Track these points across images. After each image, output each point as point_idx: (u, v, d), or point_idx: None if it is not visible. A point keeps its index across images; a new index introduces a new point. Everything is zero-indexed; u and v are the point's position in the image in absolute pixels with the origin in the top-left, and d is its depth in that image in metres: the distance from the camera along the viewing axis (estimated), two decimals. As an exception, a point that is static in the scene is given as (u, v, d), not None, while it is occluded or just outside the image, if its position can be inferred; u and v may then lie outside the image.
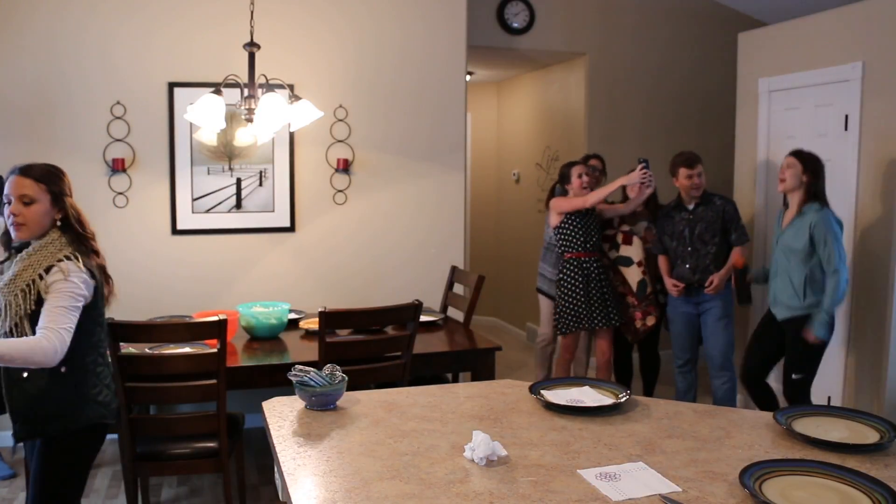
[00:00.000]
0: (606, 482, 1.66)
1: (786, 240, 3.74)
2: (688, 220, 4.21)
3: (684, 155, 4.23)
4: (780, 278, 3.78)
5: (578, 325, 4.31)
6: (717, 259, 4.15)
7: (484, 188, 7.57)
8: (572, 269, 4.32)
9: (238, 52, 3.75)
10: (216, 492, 3.71)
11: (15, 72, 4.13)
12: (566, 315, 4.33)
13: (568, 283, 4.32)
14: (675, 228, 4.25)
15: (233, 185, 4.44)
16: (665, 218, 4.33)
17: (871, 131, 3.97)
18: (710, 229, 4.16)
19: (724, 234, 4.17)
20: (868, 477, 1.62)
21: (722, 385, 4.21)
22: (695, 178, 4.16)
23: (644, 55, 5.87)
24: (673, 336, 4.42)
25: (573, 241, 4.32)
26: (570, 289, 4.31)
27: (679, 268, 4.24)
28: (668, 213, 4.34)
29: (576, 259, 4.32)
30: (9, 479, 3.83)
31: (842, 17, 4.18)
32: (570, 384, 2.35)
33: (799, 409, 2.10)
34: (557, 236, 4.41)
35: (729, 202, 4.21)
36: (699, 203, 4.20)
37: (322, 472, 1.72)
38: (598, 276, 4.31)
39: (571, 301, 4.30)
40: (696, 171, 4.17)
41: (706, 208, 4.18)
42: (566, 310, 4.33)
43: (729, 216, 4.16)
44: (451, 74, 4.76)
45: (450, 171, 4.81)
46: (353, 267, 4.69)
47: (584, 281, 4.28)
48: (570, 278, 4.32)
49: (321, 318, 3.16)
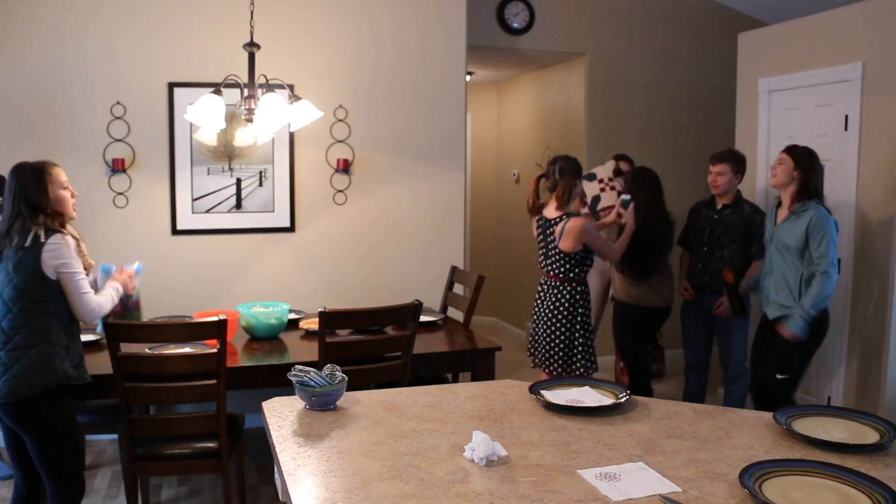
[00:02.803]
0: (606, 482, 1.66)
1: (780, 237, 3.64)
2: (711, 220, 4.12)
3: (715, 152, 4.16)
4: (774, 277, 3.68)
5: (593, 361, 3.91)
6: (731, 266, 4.03)
7: (484, 188, 7.57)
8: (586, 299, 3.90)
9: (238, 52, 3.75)
10: (216, 492, 3.71)
11: (15, 72, 4.13)
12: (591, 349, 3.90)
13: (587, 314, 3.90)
14: (698, 225, 4.19)
15: (233, 185, 4.44)
16: (693, 212, 4.28)
17: (871, 131, 3.97)
18: (731, 234, 4.04)
19: (744, 241, 4.02)
20: (868, 477, 1.62)
21: (736, 390, 4.17)
22: (713, 175, 4.06)
23: (644, 55, 5.87)
24: (684, 338, 4.37)
25: (585, 269, 3.89)
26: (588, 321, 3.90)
27: (692, 266, 4.22)
28: (697, 207, 4.27)
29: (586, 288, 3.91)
30: (9, 479, 3.84)
31: (842, 17, 4.18)
32: (570, 384, 2.36)
33: (799, 409, 2.10)
34: (572, 262, 3.81)
35: (758, 212, 4.05)
36: (728, 205, 4.08)
37: (322, 472, 1.72)
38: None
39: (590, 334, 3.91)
40: (716, 168, 4.05)
41: (733, 212, 4.06)
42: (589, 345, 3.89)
43: (754, 226, 3.98)
44: (450, 74, 4.76)
45: (450, 171, 4.81)
46: (352, 267, 4.69)
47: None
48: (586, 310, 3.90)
49: (321, 318, 3.16)
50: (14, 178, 2.73)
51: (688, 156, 5.87)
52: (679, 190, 5.53)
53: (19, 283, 2.64)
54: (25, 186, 2.71)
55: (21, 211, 2.70)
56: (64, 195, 2.78)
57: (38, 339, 2.65)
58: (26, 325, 2.65)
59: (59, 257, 2.67)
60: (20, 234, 2.67)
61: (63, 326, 2.73)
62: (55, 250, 2.67)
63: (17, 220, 2.69)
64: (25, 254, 2.65)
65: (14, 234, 2.68)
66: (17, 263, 2.65)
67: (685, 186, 5.45)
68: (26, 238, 2.66)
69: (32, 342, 2.64)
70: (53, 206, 2.74)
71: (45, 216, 2.71)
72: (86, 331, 3.70)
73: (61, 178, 2.79)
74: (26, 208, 2.70)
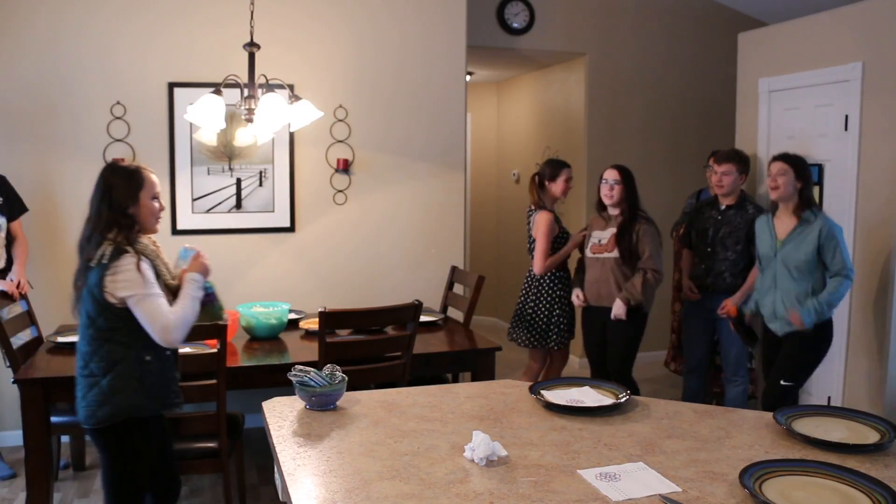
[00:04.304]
0: (606, 482, 1.66)
1: (787, 252, 3.50)
2: (715, 221, 4.08)
3: (720, 151, 4.10)
4: (781, 293, 3.54)
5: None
6: (735, 267, 4.01)
7: (484, 188, 7.57)
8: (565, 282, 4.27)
9: (238, 52, 3.75)
10: (216, 492, 3.71)
11: (15, 72, 4.12)
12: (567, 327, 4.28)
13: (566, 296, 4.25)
14: (702, 225, 4.14)
15: (233, 185, 4.44)
16: (697, 212, 4.24)
17: (871, 131, 3.97)
18: (734, 235, 4.01)
19: (748, 242, 3.97)
20: (868, 477, 1.62)
21: (734, 389, 4.16)
22: (718, 175, 4.03)
23: (644, 55, 5.87)
24: (685, 340, 4.34)
25: None
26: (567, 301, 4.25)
27: (696, 266, 4.20)
28: (700, 207, 4.24)
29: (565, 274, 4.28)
30: (9, 480, 3.84)
31: (842, 17, 4.18)
32: (570, 384, 2.36)
33: (799, 409, 2.10)
34: None
35: (763, 212, 3.96)
36: (731, 206, 4.05)
37: (322, 472, 1.72)
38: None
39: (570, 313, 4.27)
40: (721, 168, 4.01)
41: (737, 213, 4.02)
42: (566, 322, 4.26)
43: None
44: (450, 75, 4.76)
45: (450, 171, 4.81)
46: (353, 267, 4.69)
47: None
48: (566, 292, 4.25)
49: (321, 318, 3.16)
50: (103, 179, 2.50)
51: (688, 155, 5.87)
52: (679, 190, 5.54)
53: (88, 308, 2.44)
54: (113, 189, 2.47)
55: (102, 216, 2.45)
56: (153, 206, 2.55)
57: (108, 370, 2.44)
58: (97, 353, 2.45)
59: (123, 286, 2.38)
60: (94, 247, 2.44)
61: (136, 355, 2.46)
62: (117, 277, 2.38)
63: (96, 229, 2.45)
64: (90, 276, 2.42)
65: (92, 244, 2.45)
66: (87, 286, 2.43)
67: (685, 186, 5.45)
68: (94, 254, 2.42)
69: (103, 371, 2.44)
70: (138, 217, 2.50)
71: (120, 229, 2.45)
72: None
73: (155, 187, 2.56)
74: (108, 214, 2.45)
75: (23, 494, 3.47)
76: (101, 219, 2.46)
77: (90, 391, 2.45)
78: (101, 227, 2.45)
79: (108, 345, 2.44)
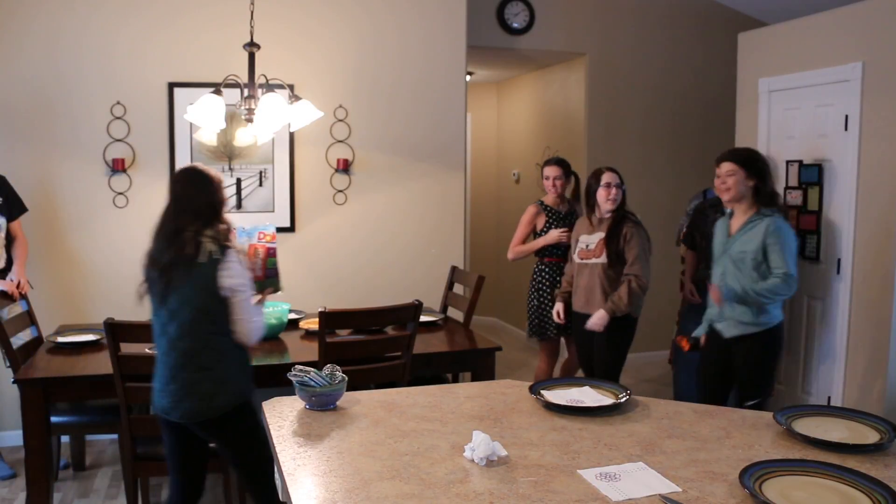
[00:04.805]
0: (606, 482, 1.66)
1: (736, 248, 3.35)
2: None
3: (723, 152, 4.10)
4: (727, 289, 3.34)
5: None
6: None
7: (484, 188, 7.57)
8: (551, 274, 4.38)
9: (238, 52, 3.75)
10: (216, 492, 3.71)
11: (15, 72, 4.12)
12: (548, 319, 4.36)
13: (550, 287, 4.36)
14: (707, 228, 4.10)
15: (233, 185, 4.44)
16: (701, 214, 4.20)
17: (871, 131, 3.97)
18: None
19: None
20: (868, 477, 1.62)
21: None
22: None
23: (644, 55, 5.87)
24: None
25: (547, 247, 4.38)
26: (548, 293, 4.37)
27: (701, 270, 4.18)
28: (703, 209, 4.20)
29: (555, 263, 4.37)
30: (9, 479, 3.84)
31: (842, 17, 4.18)
32: (570, 384, 2.36)
33: (799, 409, 2.10)
34: None
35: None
36: None
37: (322, 472, 1.73)
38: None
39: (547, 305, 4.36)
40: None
41: None
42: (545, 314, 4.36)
43: None
44: (450, 74, 4.76)
45: (449, 171, 4.81)
46: (353, 267, 4.69)
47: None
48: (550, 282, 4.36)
49: (321, 318, 3.16)
50: (187, 179, 2.56)
51: (688, 155, 5.87)
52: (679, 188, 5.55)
53: (200, 303, 2.49)
54: (217, 190, 2.55)
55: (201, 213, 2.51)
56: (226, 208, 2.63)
57: (220, 360, 2.54)
58: (208, 345, 2.52)
59: (237, 276, 2.50)
60: (190, 242, 2.47)
61: (235, 343, 2.59)
62: (233, 269, 2.49)
63: (192, 224, 2.49)
64: (202, 271, 2.47)
65: (185, 239, 2.47)
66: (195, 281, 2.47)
67: (685, 185, 5.45)
68: (191, 249, 2.46)
69: (216, 363, 2.53)
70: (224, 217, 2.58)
71: (212, 228, 2.52)
72: (86, 330, 3.71)
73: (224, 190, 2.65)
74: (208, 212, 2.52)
75: (23, 494, 3.47)
76: (199, 215, 2.52)
77: (201, 385, 2.53)
78: (198, 224, 2.51)
79: (219, 337, 2.55)
